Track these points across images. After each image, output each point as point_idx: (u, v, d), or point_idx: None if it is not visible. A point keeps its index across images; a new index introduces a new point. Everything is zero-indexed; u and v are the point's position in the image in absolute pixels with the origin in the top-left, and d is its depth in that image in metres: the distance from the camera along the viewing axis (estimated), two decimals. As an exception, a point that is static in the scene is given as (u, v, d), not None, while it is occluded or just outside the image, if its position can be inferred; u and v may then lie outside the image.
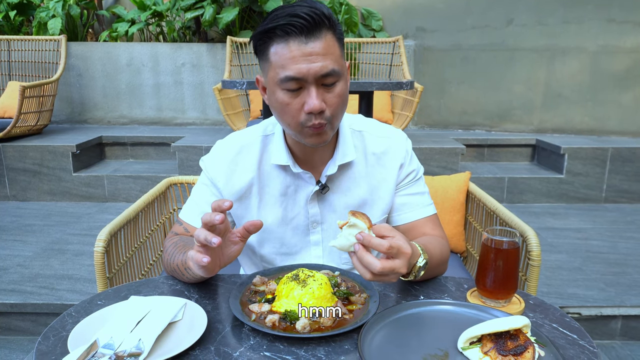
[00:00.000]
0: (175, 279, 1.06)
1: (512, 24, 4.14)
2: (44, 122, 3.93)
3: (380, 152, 1.14)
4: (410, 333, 0.83)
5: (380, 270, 0.81)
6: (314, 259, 1.15)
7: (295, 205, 1.12)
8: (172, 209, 1.80)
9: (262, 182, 1.11)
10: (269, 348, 0.80)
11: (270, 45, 0.95)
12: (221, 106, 3.63)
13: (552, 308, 0.94)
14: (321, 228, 1.13)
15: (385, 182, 1.14)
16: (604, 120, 4.14)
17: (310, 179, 1.10)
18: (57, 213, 3.27)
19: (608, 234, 2.94)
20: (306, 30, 0.91)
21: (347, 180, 1.12)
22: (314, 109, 0.94)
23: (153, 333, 0.79)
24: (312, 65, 0.92)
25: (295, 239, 1.13)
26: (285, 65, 0.93)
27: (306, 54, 0.92)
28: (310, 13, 0.91)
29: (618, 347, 2.04)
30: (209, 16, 3.95)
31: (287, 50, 0.92)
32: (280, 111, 0.98)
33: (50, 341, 0.81)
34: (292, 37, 0.92)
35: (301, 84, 0.94)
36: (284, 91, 0.95)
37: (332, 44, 0.95)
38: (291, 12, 0.91)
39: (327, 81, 0.95)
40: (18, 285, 2.20)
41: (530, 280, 1.29)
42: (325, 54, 0.93)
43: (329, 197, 1.12)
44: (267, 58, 0.96)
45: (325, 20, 0.93)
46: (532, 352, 0.75)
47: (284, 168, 1.10)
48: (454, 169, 3.48)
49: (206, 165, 1.14)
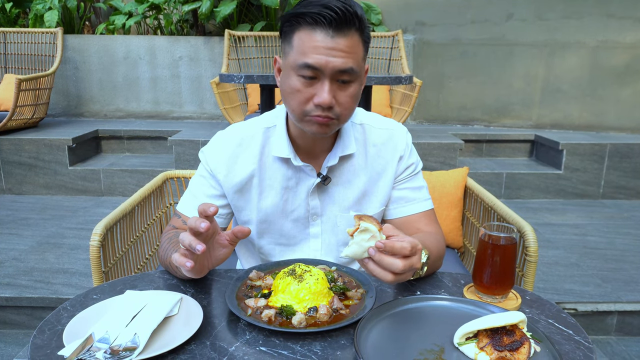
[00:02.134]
0: (170, 273, 1.05)
1: (511, 18, 4.12)
2: (40, 115, 3.90)
3: (380, 144, 1.14)
4: (406, 328, 0.83)
5: (402, 269, 0.81)
6: (312, 251, 1.15)
7: (296, 198, 1.12)
8: (169, 204, 1.80)
9: (262, 174, 1.11)
10: (265, 343, 0.80)
11: (296, 30, 0.96)
12: (218, 100, 3.61)
13: (549, 304, 0.94)
14: (321, 220, 1.13)
15: (384, 174, 1.14)
16: (602, 115, 4.13)
17: (312, 171, 1.10)
18: (53, 207, 3.25)
19: (605, 230, 2.95)
20: (335, 24, 0.92)
21: (347, 172, 1.13)
22: (324, 103, 0.95)
23: (149, 327, 0.79)
24: (332, 60, 0.93)
25: (295, 230, 1.13)
26: (307, 53, 0.93)
27: (329, 47, 0.93)
28: (342, 8, 0.92)
29: (613, 342, 2.05)
30: (206, 9, 3.92)
31: (311, 38, 0.93)
32: (290, 95, 0.99)
33: (45, 335, 0.81)
34: (320, 27, 0.93)
35: (317, 74, 0.95)
36: (298, 77, 0.96)
37: (357, 44, 0.96)
38: (325, 2, 0.92)
39: (343, 78, 0.96)
40: (13, 279, 2.19)
41: (527, 276, 1.29)
42: (348, 52, 0.94)
43: (330, 190, 1.12)
44: (290, 41, 0.97)
45: (355, 19, 0.94)
46: (527, 348, 0.75)
47: (285, 161, 1.10)
48: (452, 164, 3.48)
49: (206, 156, 1.13)
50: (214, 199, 1.13)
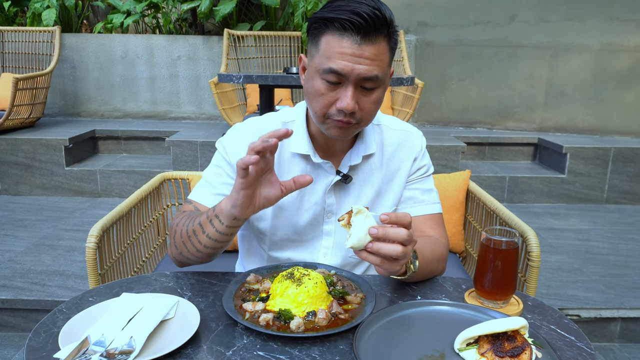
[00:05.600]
0: (168, 276, 1.04)
1: (514, 20, 4.11)
2: (37, 115, 3.89)
3: (397, 144, 1.16)
4: (406, 334, 0.83)
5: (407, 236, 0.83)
6: (323, 248, 1.15)
7: (313, 195, 1.11)
8: (166, 205, 1.78)
9: (280, 169, 1.10)
10: (263, 347, 0.79)
11: (323, 33, 0.95)
12: (217, 100, 3.60)
13: (551, 309, 0.93)
14: (335, 218, 1.13)
15: (398, 174, 1.15)
16: (606, 119, 4.12)
17: (331, 168, 1.10)
18: (49, 208, 3.23)
19: (609, 235, 2.93)
20: (363, 31, 0.91)
21: (364, 171, 1.13)
22: (347, 109, 0.95)
23: (145, 331, 0.79)
24: (357, 67, 0.92)
25: (309, 227, 1.13)
26: (332, 58, 0.93)
27: (356, 54, 0.92)
28: (372, 15, 0.90)
29: (617, 349, 2.03)
30: (205, 8, 3.91)
31: (338, 44, 0.92)
32: (313, 97, 0.99)
33: (41, 338, 0.81)
34: (348, 34, 0.91)
35: (341, 80, 0.95)
36: (322, 81, 0.96)
37: (384, 51, 0.95)
38: (354, 8, 0.90)
39: (367, 85, 0.95)
40: (9, 281, 2.17)
41: (530, 282, 1.28)
42: (374, 59, 0.93)
43: (346, 188, 1.13)
44: (317, 43, 0.97)
45: (385, 26, 0.93)
46: (529, 354, 0.74)
47: (304, 157, 1.10)
48: (454, 167, 3.47)
49: (225, 145, 1.11)
50: (230, 188, 1.10)
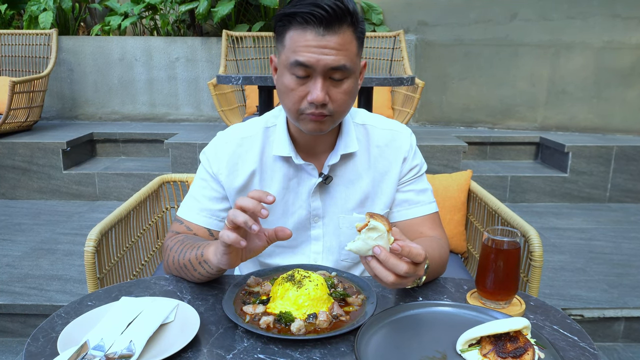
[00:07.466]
0: (167, 279, 1.03)
1: (515, 18, 4.09)
2: (34, 118, 3.87)
3: (383, 145, 1.13)
4: (408, 335, 0.82)
5: (406, 272, 0.80)
6: (313, 254, 1.13)
7: (297, 198, 1.11)
8: (165, 208, 1.77)
9: (263, 175, 1.10)
10: (263, 350, 0.79)
11: (288, 29, 0.96)
12: (216, 102, 3.58)
13: (553, 310, 0.93)
14: (322, 222, 1.12)
15: (387, 175, 1.13)
16: (608, 117, 4.09)
17: (313, 170, 1.09)
18: (47, 212, 3.22)
19: (612, 234, 2.91)
20: (325, 22, 0.92)
21: (349, 172, 1.12)
22: (316, 100, 0.95)
23: (144, 335, 0.79)
24: (323, 57, 0.93)
25: (296, 233, 1.12)
26: (298, 51, 0.94)
27: (321, 45, 0.93)
28: (333, 6, 0.91)
29: (620, 349, 2.01)
30: (203, 9, 3.90)
31: (302, 37, 0.94)
32: (284, 94, 1.00)
33: (39, 342, 0.80)
34: (310, 26, 0.93)
35: (309, 72, 0.95)
36: (292, 76, 0.97)
37: (350, 41, 0.96)
38: (315, 1, 0.91)
39: (335, 75, 0.96)
40: (7, 286, 2.15)
41: (532, 282, 1.27)
42: (339, 49, 0.94)
43: (332, 191, 1.11)
44: (283, 40, 0.98)
45: (347, 16, 0.94)
46: (531, 355, 0.74)
47: (286, 160, 1.10)
48: (456, 167, 3.45)
49: (208, 157, 1.12)
50: (216, 202, 1.12)
